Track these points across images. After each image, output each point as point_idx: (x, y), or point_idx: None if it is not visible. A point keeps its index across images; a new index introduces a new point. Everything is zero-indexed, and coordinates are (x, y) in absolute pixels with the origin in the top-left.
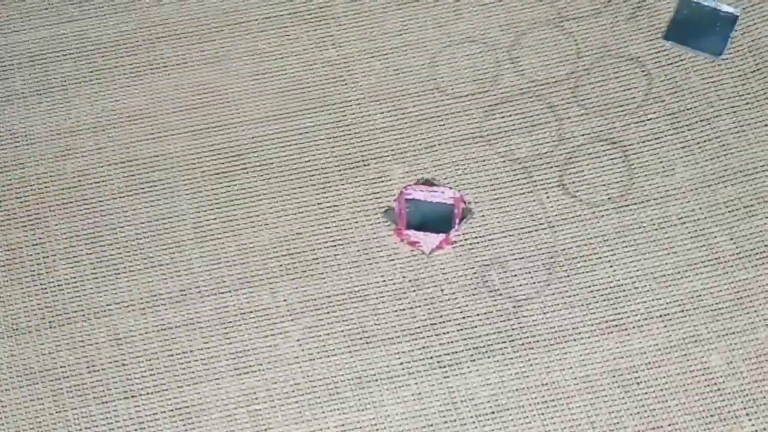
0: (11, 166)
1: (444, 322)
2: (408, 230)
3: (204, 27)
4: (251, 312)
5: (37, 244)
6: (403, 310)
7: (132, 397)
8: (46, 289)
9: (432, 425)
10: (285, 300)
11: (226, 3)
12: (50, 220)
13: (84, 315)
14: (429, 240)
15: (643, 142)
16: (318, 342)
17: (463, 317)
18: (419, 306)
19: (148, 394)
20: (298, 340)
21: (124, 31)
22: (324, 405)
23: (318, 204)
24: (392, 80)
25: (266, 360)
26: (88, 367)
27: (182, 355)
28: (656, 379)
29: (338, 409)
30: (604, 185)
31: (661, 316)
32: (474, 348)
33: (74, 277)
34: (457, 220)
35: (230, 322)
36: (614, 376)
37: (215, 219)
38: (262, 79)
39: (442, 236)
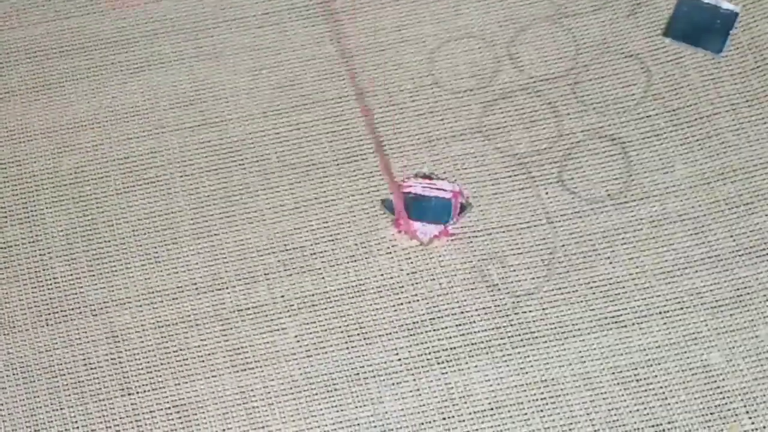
0: (8, 163)
1: (442, 317)
2: (406, 219)
3: (201, 23)
4: (248, 308)
5: (33, 242)
6: (401, 304)
7: (129, 394)
8: (42, 286)
9: (430, 422)
10: (282, 296)
11: None
12: (47, 216)
13: (80, 312)
14: (427, 230)
15: (643, 138)
16: (315, 338)
17: (462, 312)
18: (417, 300)
19: (144, 391)
20: (295, 336)
21: (121, 27)
22: (321, 401)
23: (316, 198)
24: (390, 75)
25: (263, 356)
26: (84, 364)
27: (179, 352)
28: (656, 376)
29: (336, 406)
30: (603, 182)
31: (660, 313)
32: (472, 344)
33: (71, 274)
34: (456, 212)
35: (227, 318)
36: (613, 373)
37: (212, 215)
38: (260, 75)
39: (440, 227)
